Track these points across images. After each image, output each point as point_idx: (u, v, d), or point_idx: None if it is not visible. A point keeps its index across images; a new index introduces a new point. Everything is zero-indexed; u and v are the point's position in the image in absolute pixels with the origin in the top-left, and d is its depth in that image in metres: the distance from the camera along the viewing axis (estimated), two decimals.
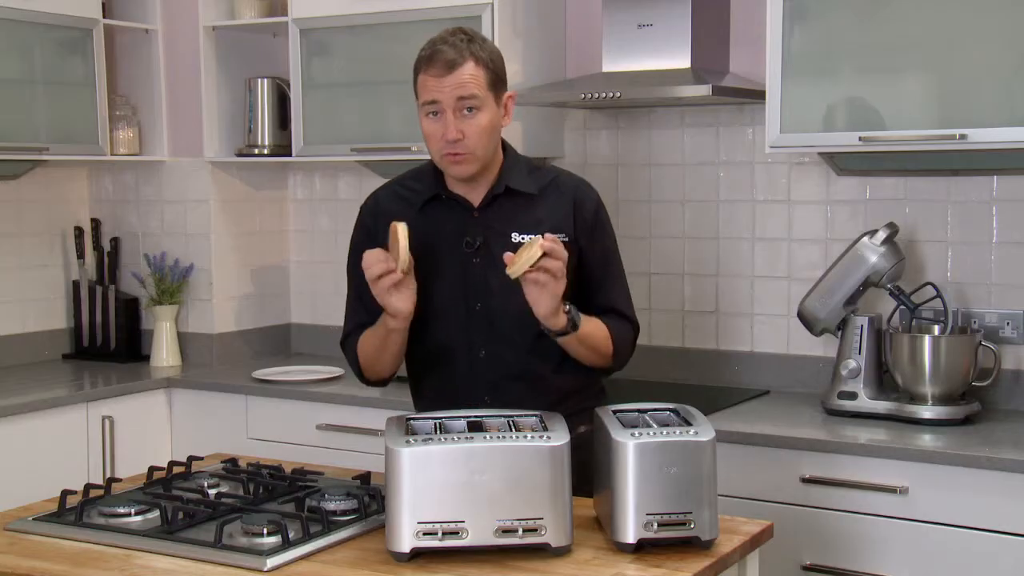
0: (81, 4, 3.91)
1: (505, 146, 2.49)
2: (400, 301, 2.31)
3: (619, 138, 3.80)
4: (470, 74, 2.32)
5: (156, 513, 2.23)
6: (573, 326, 2.33)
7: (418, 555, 2.00)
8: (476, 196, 2.44)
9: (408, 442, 2.00)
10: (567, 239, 2.41)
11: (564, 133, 3.86)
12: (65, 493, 2.34)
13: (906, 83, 3.05)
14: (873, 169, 3.38)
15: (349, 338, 2.56)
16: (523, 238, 2.40)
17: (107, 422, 3.71)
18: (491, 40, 2.41)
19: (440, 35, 2.37)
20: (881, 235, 3.18)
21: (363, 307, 2.51)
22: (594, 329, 2.42)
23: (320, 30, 3.84)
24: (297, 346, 4.45)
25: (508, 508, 1.98)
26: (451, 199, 2.46)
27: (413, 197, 2.49)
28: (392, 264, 2.26)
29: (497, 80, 2.37)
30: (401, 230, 2.27)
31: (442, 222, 2.45)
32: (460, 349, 2.45)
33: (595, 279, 2.50)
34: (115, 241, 4.34)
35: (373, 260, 2.28)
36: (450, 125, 2.32)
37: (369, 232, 2.51)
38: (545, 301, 2.24)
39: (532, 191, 2.45)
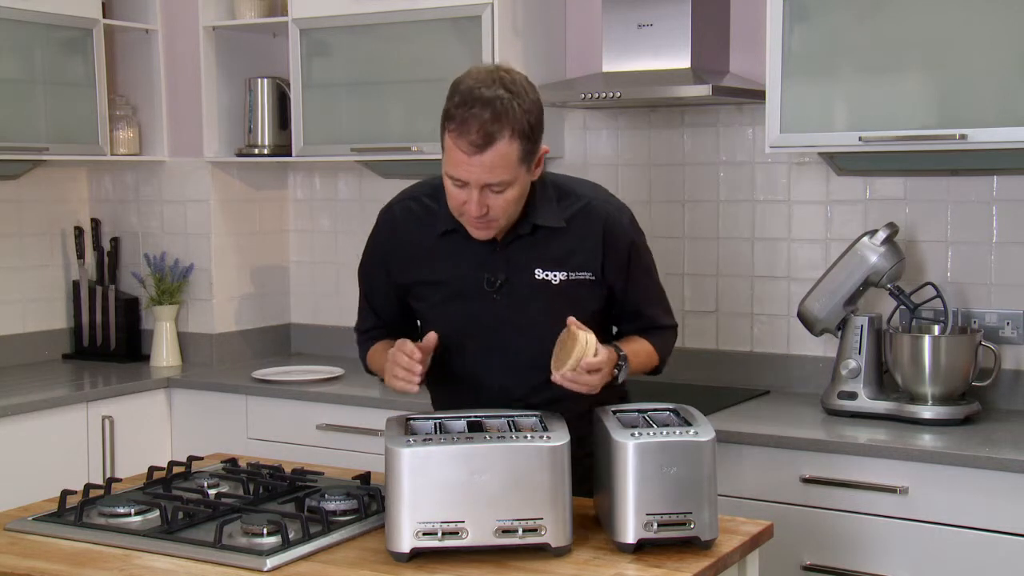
0: (81, 4, 3.91)
1: None
2: (401, 388, 2.25)
3: (619, 138, 3.80)
4: (502, 155, 2.13)
5: (156, 513, 2.23)
6: (614, 381, 2.29)
7: (418, 555, 2.00)
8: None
9: (408, 442, 2.00)
10: (592, 277, 2.34)
11: (564, 133, 3.86)
12: (65, 493, 2.35)
13: (906, 83, 3.05)
14: (873, 169, 3.38)
15: (361, 336, 2.56)
16: (547, 274, 2.32)
17: (107, 422, 3.71)
18: (529, 82, 2.23)
19: (475, 82, 2.16)
20: (881, 235, 3.17)
21: (374, 314, 2.52)
22: (642, 359, 2.42)
23: (320, 30, 3.84)
24: (297, 346, 4.45)
25: (508, 508, 1.99)
26: None
27: (431, 220, 2.35)
28: (417, 369, 2.21)
29: (531, 147, 2.18)
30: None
31: (462, 253, 2.33)
32: (475, 380, 2.39)
33: (636, 306, 2.44)
34: (115, 241, 4.34)
35: (403, 351, 2.22)
36: (475, 201, 2.18)
37: (384, 253, 2.43)
38: (596, 390, 2.22)
39: (560, 224, 2.32)
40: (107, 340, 4.29)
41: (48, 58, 3.88)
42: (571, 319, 2.18)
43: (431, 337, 2.28)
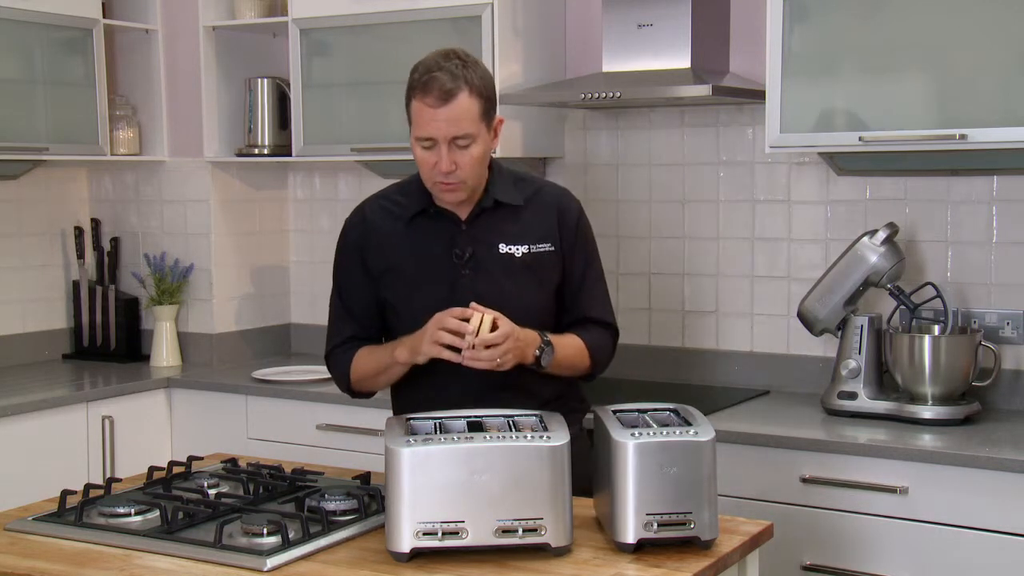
0: (81, 4, 3.91)
1: (491, 160, 2.52)
2: (439, 355, 2.32)
3: (619, 138, 3.80)
4: (465, 108, 2.33)
5: (156, 513, 2.23)
6: (539, 365, 2.38)
7: (418, 555, 2.00)
8: (464, 210, 2.48)
9: (408, 442, 2.00)
10: (553, 248, 2.50)
11: (564, 133, 3.86)
12: (65, 493, 2.35)
13: (906, 83, 3.05)
14: (873, 169, 3.38)
15: (337, 350, 2.58)
16: (510, 248, 2.46)
17: (107, 422, 3.71)
18: (482, 62, 2.45)
19: (432, 58, 2.38)
20: (881, 235, 3.18)
21: (353, 320, 2.56)
22: (570, 352, 2.47)
23: (320, 30, 3.84)
24: (297, 346, 4.45)
25: (508, 508, 1.99)
26: (439, 212, 2.49)
27: (400, 211, 2.52)
28: (470, 328, 2.27)
29: (489, 108, 2.39)
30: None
31: (431, 235, 2.48)
32: (450, 366, 2.40)
33: (575, 287, 2.55)
34: (115, 241, 4.34)
35: (451, 315, 2.29)
36: (444, 158, 2.35)
37: (358, 247, 2.54)
38: (506, 366, 2.32)
39: (518, 202, 2.50)
40: (107, 340, 4.29)
41: (48, 58, 3.88)
42: (472, 304, 2.31)
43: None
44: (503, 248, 2.46)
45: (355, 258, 2.55)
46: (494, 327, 2.28)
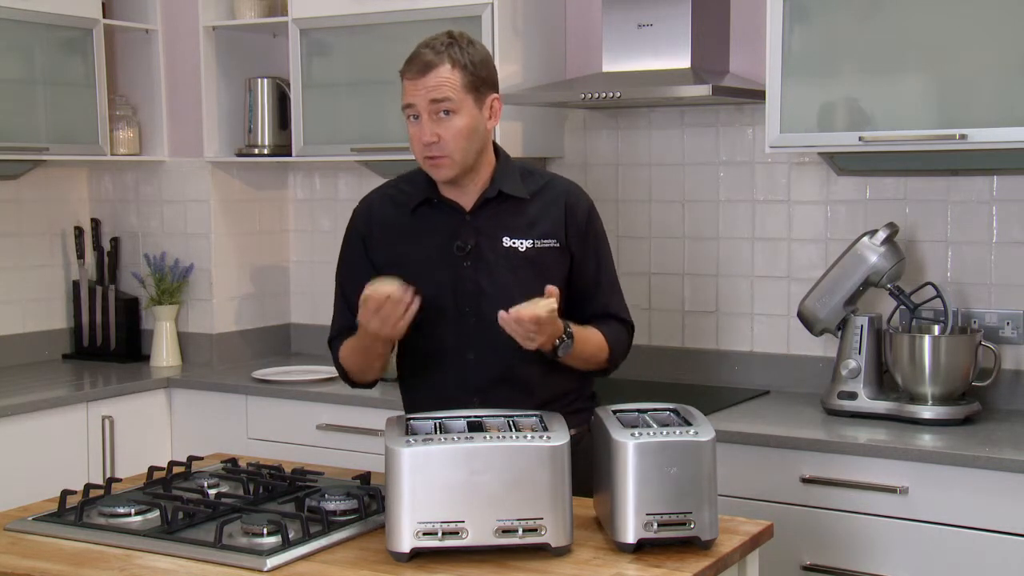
0: (81, 4, 3.91)
1: (497, 150, 2.52)
2: (385, 328, 2.30)
3: (619, 138, 3.80)
4: (444, 77, 2.34)
5: (156, 513, 2.23)
6: (554, 354, 2.36)
7: (418, 555, 2.01)
8: (468, 200, 2.47)
9: (408, 442, 2.01)
10: (557, 244, 2.47)
11: (564, 133, 3.86)
12: (65, 493, 2.35)
13: (906, 83, 3.05)
14: (873, 169, 3.38)
15: (335, 340, 2.59)
16: (514, 242, 2.44)
17: (107, 422, 3.71)
18: (481, 44, 2.45)
19: (426, 39, 2.40)
20: (881, 235, 3.18)
21: (350, 310, 2.53)
22: (588, 343, 2.45)
23: (320, 30, 3.84)
24: (297, 346, 4.45)
25: (508, 508, 1.99)
26: (443, 203, 2.47)
27: (405, 200, 2.51)
28: (385, 292, 2.26)
29: (478, 82, 2.38)
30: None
31: (434, 225, 2.47)
32: (450, 352, 2.46)
33: (590, 284, 2.53)
34: (115, 241, 4.34)
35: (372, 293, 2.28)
36: (425, 128, 2.35)
37: (362, 237, 2.55)
38: (531, 346, 2.29)
39: (524, 195, 2.47)
40: (107, 340, 4.29)
41: (48, 58, 3.88)
42: (551, 287, 2.28)
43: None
44: (507, 241, 2.44)
45: (358, 248, 2.54)
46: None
